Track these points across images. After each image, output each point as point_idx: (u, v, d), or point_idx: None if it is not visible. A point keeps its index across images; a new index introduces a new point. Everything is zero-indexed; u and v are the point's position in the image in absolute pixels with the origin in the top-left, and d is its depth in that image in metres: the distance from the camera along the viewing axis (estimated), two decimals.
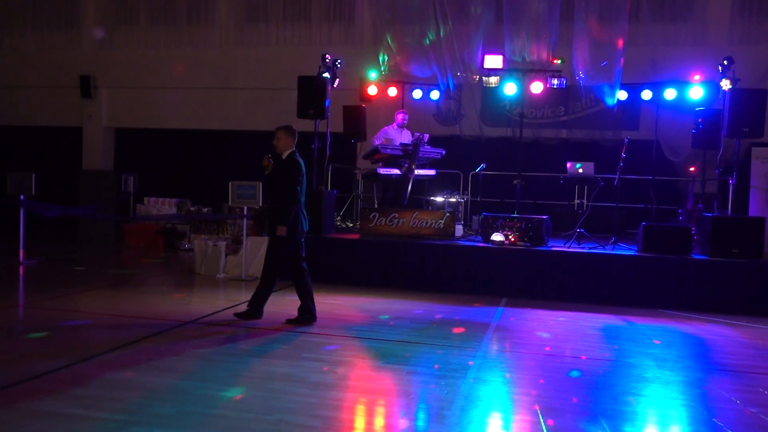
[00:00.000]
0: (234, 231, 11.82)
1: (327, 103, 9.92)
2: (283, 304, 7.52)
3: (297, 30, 14.76)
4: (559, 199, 12.96)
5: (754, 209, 10.52)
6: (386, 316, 7.38)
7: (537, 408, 4.45)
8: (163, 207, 13.76)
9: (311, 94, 9.93)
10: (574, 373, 5.39)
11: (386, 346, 6.04)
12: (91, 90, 15.58)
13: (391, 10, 12.26)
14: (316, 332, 6.53)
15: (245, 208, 9.76)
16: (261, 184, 9.63)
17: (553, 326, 7.22)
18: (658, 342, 6.62)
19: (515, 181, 11.41)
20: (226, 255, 9.96)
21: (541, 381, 5.14)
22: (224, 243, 10.00)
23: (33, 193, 10.45)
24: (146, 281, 9.40)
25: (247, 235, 9.88)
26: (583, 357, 5.97)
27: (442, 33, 12.02)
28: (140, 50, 15.48)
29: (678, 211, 11.04)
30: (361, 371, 5.33)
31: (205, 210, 13.74)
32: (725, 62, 9.17)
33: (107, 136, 16.06)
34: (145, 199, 14.06)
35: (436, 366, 5.44)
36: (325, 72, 10.31)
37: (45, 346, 5.71)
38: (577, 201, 12.67)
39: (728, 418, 4.42)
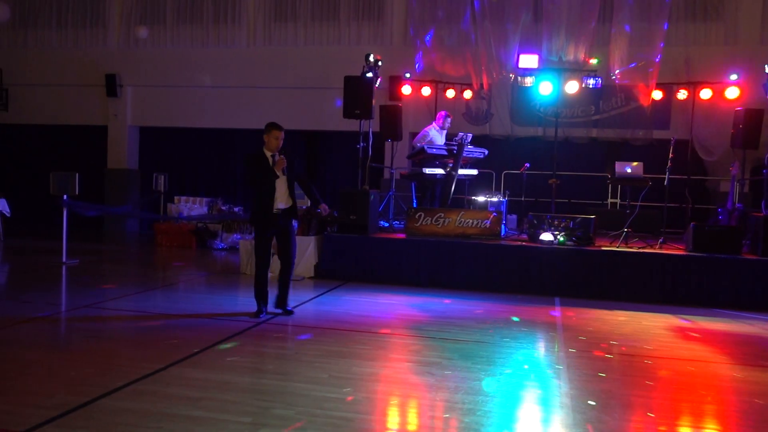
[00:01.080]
0: None
1: (372, 103, 9.95)
2: (339, 304, 7.55)
3: (325, 29, 14.76)
4: (592, 198, 13.05)
5: None
6: (451, 316, 7.41)
7: (651, 414, 4.51)
8: (194, 206, 13.73)
9: (357, 94, 9.95)
10: (663, 374, 5.45)
11: (465, 347, 6.08)
12: (117, 88, 15.55)
13: (431, 9, 12.27)
14: (390, 332, 6.55)
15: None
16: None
17: (617, 325, 7.27)
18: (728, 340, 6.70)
19: (550, 181, 11.46)
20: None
21: (647, 382, 5.19)
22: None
23: (77, 192, 10.43)
24: (198, 281, 9.39)
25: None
26: (664, 357, 6.02)
27: (480, 32, 12.05)
28: (166, 49, 15.46)
29: (717, 210, 11.12)
30: (460, 373, 5.34)
31: (236, 209, 13.75)
32: None
33: (132, 135, 16.03)
34: (176, 198, 14.04)
35: (526, 366, 5.49)
36: (368, 72, 10.33)
37: (134, 346, 5.72)
38: (611, 200, 12.77)
39: None
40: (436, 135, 10.78)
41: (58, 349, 5.69)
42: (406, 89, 12.55)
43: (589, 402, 4.60)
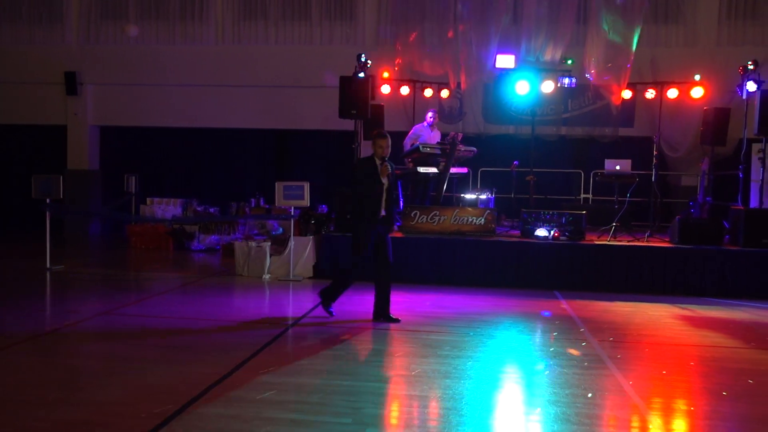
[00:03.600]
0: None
1: (369, 103, 10.03)
2: (355, 303, 7.63)
3: (297, 28, 14.70)
4: (565, 193, 13.55)
5: (755, 201, 11.38)
6: (468, 312, 7.60)
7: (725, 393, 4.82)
8: (168, 207, 13.44)
9: (352, 94, 10.00)
10: (699, 358, 5.82)
11: (501, 341, 6.28)
12: (77, 87, 15.01)
13: (411, 10, 12.41)
14: (421, 329, 6.68)
15: (292, 208, 9.73)
16: (308, 184, 9.64)
17: (625, 316, 7.64)
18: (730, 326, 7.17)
19: (528, 177, 11.84)
20: (270, 256, 9.92)
21: (692, 364, 5.52)
22: (269, 244, 9.95)
23: (61, 196, 10.07)
24: (196, 284, 9.24)
25: (293, 235, 9.85)
26: (687, 344, 6.41)
27: (460, 33, 12.28)
28: (129, 46, 15.02)
29: (689, 204, 11.74)
30: (509, 367, 5.52)
31: (212, 210, 13.56)
32: (750, 65, 9.83)
33: (93, 135, 15.51)
34: (148, 199, 13.71)
35: (577, 355, 5.74)
36: (360, 72, 10.39)
37: (185, 353, 5.65)
38: (583, 195, 13.29)
39: None
40: (425, 132, 11.00)
41: (110, 358, 5.54)
42: (386, 89, 12.65)
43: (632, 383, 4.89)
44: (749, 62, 9.95)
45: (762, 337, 6.76)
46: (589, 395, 4.72)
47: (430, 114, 11.12)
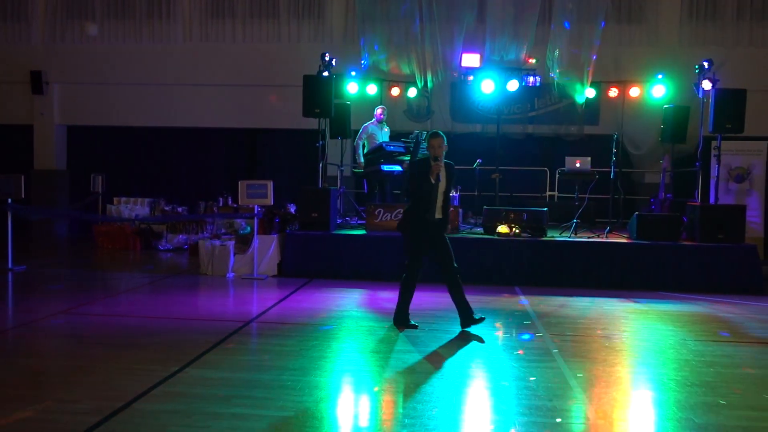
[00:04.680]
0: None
1: (332, 102, 10.09)
2: (318, 301, 7.69)
3: (264, 27, 14.71)
4: (531, 191, 13.70)
5: (714, 198, 11.59)
6: (429, 308, 7.68)
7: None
8: (135, 207, 13.39)
9: (316, 92, 10.05)
10: (641, 351, 5.95)
11: (458, 337, 6.37)
12: (43, 86, 14.89)
13: (378, 8, 12.47)
14: (378, 325, 6.75)
15: (256, 206, 9.74)
16: (272, 182, 9.64)
17: (581, 310, 7.77)
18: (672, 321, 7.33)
19: (493, 175, 11.99)
20: (235, 254, 9.93)
21: (638, 356, 5.64)
22: (233, 243, 9.96)
23: (23, 196, 10.00)
24: (158, 283, 9.23)
25: (257, 233, 9.86)
26: (639, 337, 6.55)
27: (426, 32, 12.37)
28: (96, 45, 14.93)
29: (650, 200, 11.93)
30: (460, 361, 5.61)
31: (180, 209, 13.52)
32: (705, 64, 10.03)
33: (60, 134, 15.41)
34: (115, 199, 13.63)
35: (521, 351, 5.84)
36: (325, 71, 10.44)
37: (138, 350, 5.65)
38: (549, 193, 13.45)
39: None
40: (375, 130, 11.12)
41: (61, 356, 5.55)
42: (353, 87, 12.71)
43: (579, 375, 5.00)
44: (704, 61, 10.12)
45: (712, 330, 6.92)
46: (532, 386, 4.82)
47: (379, 111, 11.26)
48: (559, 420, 4.19)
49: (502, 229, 9.83)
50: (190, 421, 4.04)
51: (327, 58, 10.56)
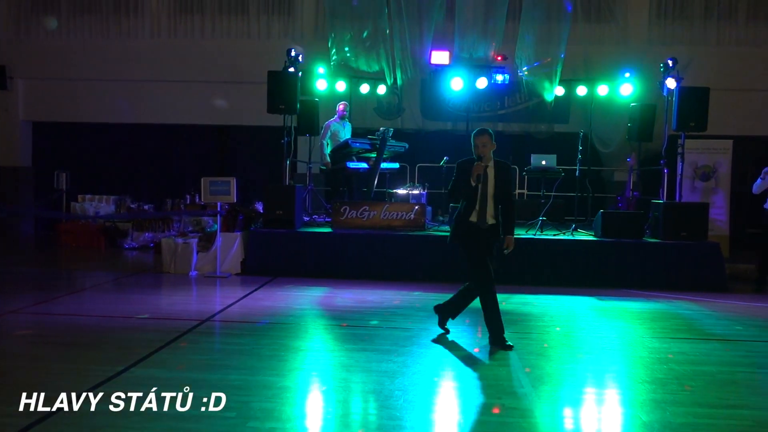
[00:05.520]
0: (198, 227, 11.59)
1: (297, 98, 9.99)
2: (277, 299, 7.61)
3: (234, 22, 14.55)
4: None
5: (679, 196, 11.65)
6: (389, 306, 7.63)
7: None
8: (101, 205, 13.17)
9: (281, 89, 9.95)
10: (598, 348, 5.95)
11: (413, 334, 6.32)
12: (6, 81, 14.60)
13: (347, 4, 12.37)
14: (337, 324, 6.68)
15: (219, 204, 9.61)
16: (235, 179, 9.52)
17: (543, 308, 7.76)
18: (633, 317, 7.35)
19: None
20: (197, 252, 9.80)
21: (591, 354, 5.62)
22: (195, 240, 9.83)
23: None
24: (119, 282, 9.08)
25: (220, 231, 9.74)
26: (597, 334, 6.54)
27: (395, 29, 12.30)
28: (62, 40, 14.67)
29: (617, 198, 11.97)
30: (416, 358, 5.56)
31: (146, 207, 13.34)
32: (669, 62, 10.07)
33: (25, 131, 15.13)
34: (80, 196, 13.41)
35: (476, 350, 5.80)
36: (290, 67, 10.34)
37: (87, 350, 5.52)
38: (518, 191, 13.44)
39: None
40: (338, 127, 11.06)
41: (5, 356, 5.40)
42: (321, 84, 12.60)
43: (528, 371, 4.98)
44: (669, 60, 10.17)
45: (671, 327, 6.93)
46: (482, 383, 4.78)
47: (341, 107, 11.21)
48: (500, 415, 4.15)
49: None
50: (127, 422, 3.95)
51: (293, 54, 10.45)
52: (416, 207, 10.10)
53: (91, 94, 14.61)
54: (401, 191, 11.07)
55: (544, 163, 10.36)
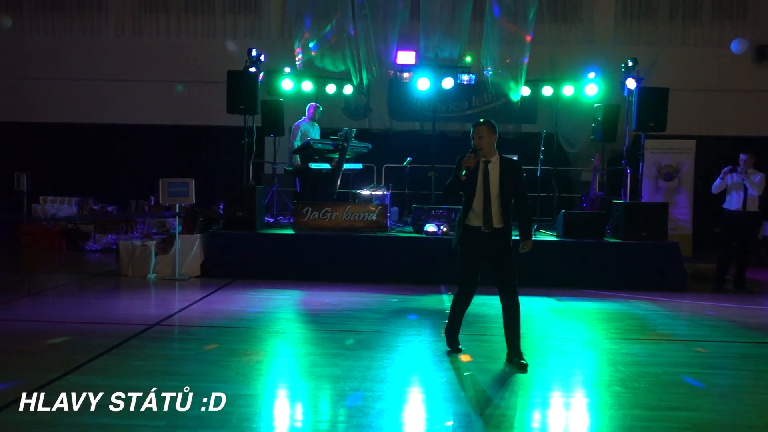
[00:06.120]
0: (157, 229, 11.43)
1: (258, 98, 9.89)
2: (232, 302, 7.51)
3: (200, 21, 14.42)
4: None
5: (645, 195, 11.70)
6: (346, 308, 7.56)
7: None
8: (63, 206, 12.96)
9: (240, 88, 9.83)
10: (551, 349, 5.92)
11: (365, 337, 6.25)
12: None
13: (310, 4, 12.26)
14: (288, 327, 6.61)
15: (177, 205, 9.46)
16: (193, 180, 9.37)
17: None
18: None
19: (429, 174, 11.92)
20: (156, 255, 9.65)
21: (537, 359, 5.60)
22: (153, 243, 9.68)
23: None
24: (74, 285, 8.91)
25: (179, 233, 9.59)
26: (549, 335, 6.52)
27: (359, 28, 12.22)
28: (23, 38, 14.42)
29: (581, 198, 12.00)
30: (364, 362, 5.50)
31: (109, 208, 13.14)
32: (629, 62, 10.09)
33: None
34: (41, 198, 13.18)
35: (427, 352, 5.75)
36: (251, 66, 10.23)
37: (27, 356, 5.39)
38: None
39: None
40: (308, 128, 10.96)
41: None
42: (287, 84, 12.48)
43: (477, 378, 4.93)
44: (629, 60, 10.20)
45: (624, 328, 6.94)
46: (427, 387, 4.73)
47: (311, 108, 11.11)
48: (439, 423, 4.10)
49: (430, 227, 9.75)
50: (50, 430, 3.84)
51: (254, 54, 10.33)
52: (378, 208, 10.03)
53: (53, 93, 14.38)
54: (365, 192, 10.99)
55: None
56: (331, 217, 9.95)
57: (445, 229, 9.72)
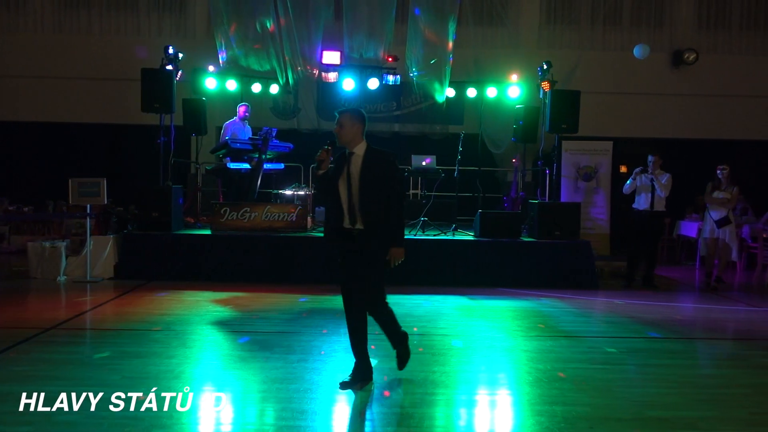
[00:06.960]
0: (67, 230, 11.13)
1: (173, 97, 9.73)
2: (139, 304, 7.37)
3: (123, 19, 14.11)
4: None
5: (565, 196, 12.00)
6: (255, 309, 7.51)
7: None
8: None
9: (156, 87, 9.67)
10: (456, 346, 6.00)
11: (269, 338, 6.22)
12: None
13: (233, 3, 12.11)
14: (192, 329, 6.52)
15: (88, 206, 9.24)
16: (105, 180, 9.17)
17: (412, 308, 7.79)
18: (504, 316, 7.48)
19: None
20: (67, 256, 9.40)
21: (436, 357, 5.65)
22: (64, 244, 9.42)
23: None
24: None
25: (91, 234, 9.37)
26: (451, 334, 6.61)
27: (282, 27, 12.14)
28: None
29: (503, 198, 12.20)
30: (266, 363, 5.47)
31: (26, 209, 12.74)
32: (544, 66, 10.32)
33: None
34: None
35: (323, 352, 5.76)
36: (168, 65, 10.06)
37: None
38: (413, 191, 13.53)
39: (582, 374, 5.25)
40: (238, 128, 10.83)
41: None
42: (211, 83, 12.33)
43: (387, 378, 4.96)
44: (544, 63, 10.42)
45: (527, 325, 7.08)
46: (309, 387, 4.73)
47: (242, 108, 10.98)
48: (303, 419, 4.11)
49: None
50: None
51: (171, 52, 10.17)
52: (298, 208, 10.00)
53: None
54: (287, 192, 10.94)
55: (424, 163, 10.44)
56: (250, 218, 9.86)
57: None
